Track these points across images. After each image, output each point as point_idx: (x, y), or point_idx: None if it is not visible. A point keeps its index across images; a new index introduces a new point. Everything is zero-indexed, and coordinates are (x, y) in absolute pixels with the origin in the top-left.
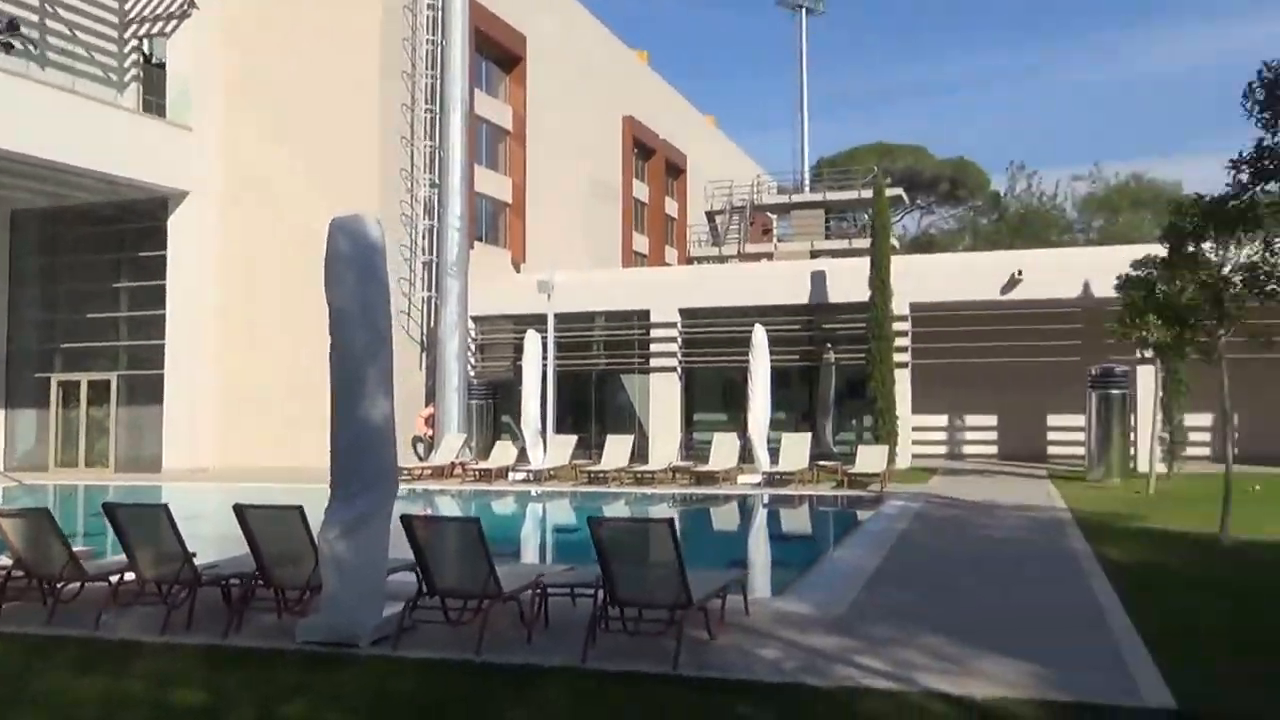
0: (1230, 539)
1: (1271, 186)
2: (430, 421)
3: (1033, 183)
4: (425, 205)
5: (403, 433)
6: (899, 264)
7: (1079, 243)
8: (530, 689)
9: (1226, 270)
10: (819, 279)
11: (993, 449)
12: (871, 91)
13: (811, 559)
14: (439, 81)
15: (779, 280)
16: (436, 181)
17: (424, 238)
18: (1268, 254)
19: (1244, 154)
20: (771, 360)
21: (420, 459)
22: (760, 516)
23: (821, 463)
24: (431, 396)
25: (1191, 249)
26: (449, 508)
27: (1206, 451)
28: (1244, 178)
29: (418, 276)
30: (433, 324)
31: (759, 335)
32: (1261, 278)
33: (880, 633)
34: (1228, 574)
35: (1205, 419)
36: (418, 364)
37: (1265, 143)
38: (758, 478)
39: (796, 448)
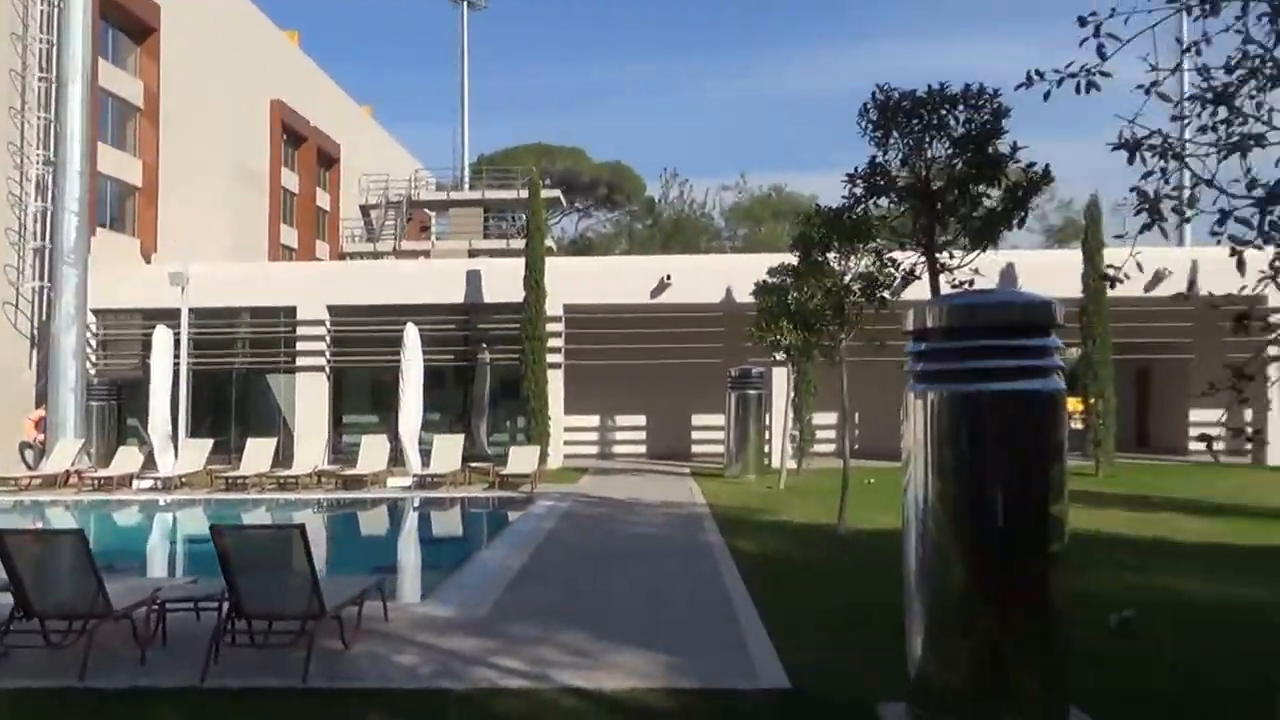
0: (847, 529)
1: (883, 201)
2: (41, 425)
3: (684, 190)
4: (39, 185)
5: (9, 438)
6: (553, 265)
7: (725, 250)
8: (141, 713)
9: (847, 279)
10: (474, 278)
11: (642, 448)
12: (533, 90)
13: (458, 561)
14: (56, 47)
15: (434, 279)
16: (52, 159)
17: (36, 221)
18: (880, 264)
19: (859, 169)
20: (425, 360)
21: (29, 467)
22: (409, 520)
23: (474, 464)
24: (44, 397)
25: (819, 258)
26: (62, 520)
27: (832, 448)
28: (858, 191)
29: (28, 264)
30: (45, 317)
31: (411, 334)
32: (875, 286)
33: (520, 632)
34: (844, 563)
35: (831, 418)
36: (27, 361)
37: (877, 159)
38: (408, 480)
39: (449, 449)
